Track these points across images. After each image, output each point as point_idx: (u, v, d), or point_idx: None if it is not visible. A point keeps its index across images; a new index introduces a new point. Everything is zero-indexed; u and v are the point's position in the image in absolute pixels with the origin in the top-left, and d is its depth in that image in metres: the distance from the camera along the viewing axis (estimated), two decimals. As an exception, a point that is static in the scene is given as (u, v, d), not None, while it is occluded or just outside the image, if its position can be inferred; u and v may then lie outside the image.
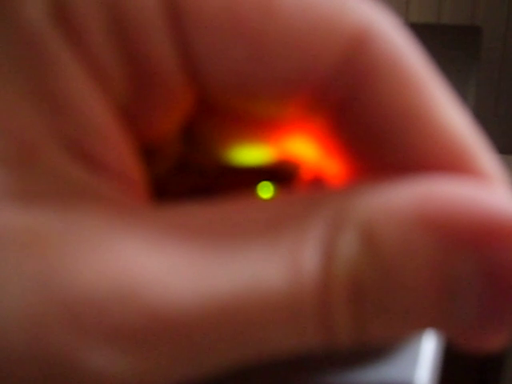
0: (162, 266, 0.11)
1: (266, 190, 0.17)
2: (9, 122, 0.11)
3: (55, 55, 0.11)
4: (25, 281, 0.10)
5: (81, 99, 0.11)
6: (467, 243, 0.11)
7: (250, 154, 0.15)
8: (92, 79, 0.12)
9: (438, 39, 0.53)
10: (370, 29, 0.12)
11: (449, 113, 0.12)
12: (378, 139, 0.12)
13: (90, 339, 0.10)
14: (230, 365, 0.12)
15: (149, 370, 0.11)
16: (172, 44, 0.12)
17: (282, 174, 0.17)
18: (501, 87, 0.91)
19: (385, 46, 0.12)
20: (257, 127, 0.14)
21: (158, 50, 0.12)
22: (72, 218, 0.11)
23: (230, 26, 0.12)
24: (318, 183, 0.16)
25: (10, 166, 0.11)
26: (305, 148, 0.15)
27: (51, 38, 0.11)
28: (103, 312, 0.10)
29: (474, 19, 0.84)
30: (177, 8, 0.11)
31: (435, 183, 0.12)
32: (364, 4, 0.12)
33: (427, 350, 0.19)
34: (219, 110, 0.13)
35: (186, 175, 0.17)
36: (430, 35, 0.54)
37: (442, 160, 0.12)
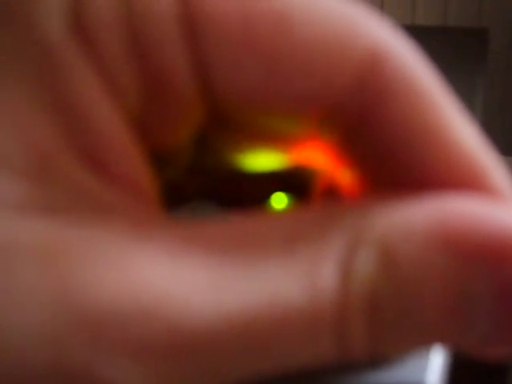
0: (182, 281, 0.11)
1: (279, 201, 0.17)
2: (26, 132, 0.11)
3: (71, 67, 0.11)
4: (43, 296, 0.10)
5: (96, 111, 0.11)
6: (482, 261, 0.11)
7: (263, 160, 0.15)
8: (107, 91, 0.12)
9: (444, 41, 0.53)
10: (382, 49, 0.12)
11: (461, 130, 0.12)
12: (391, 156, 0.12)
13: (111, 354, 0.10)
14: (247, 377, 0.12)
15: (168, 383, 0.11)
16: (187, 58, 0.12)
17: (295, 181, 0.17)
18: (508, 87, 0.91)
19: (397, 66, 0.12)
20: (269, 138, 0.14)
21: (173, 62, 0.12)
22: (89, 231, 0.11)
23: (245, 42, 0.12)
24: (332, 193, 0.16)
25: (28, 177, 0.11)
26: (319, 158, 0.15)
27: (68, 49, 0.11)
28: (124, 328, 0.10)
29: (480, 21, 0.84)
30: (193, 23, 0.12)
31: (450, 201, 0.12)
32: (376, 24, 0.12)
33: (438, 352, 0.19)
34: (232, 120, 0.13)
35: (198, 181, 0.17)
36: (437, 38, 0.54)
37: (455, 177, 0.12)
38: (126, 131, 0.12)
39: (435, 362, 0.18)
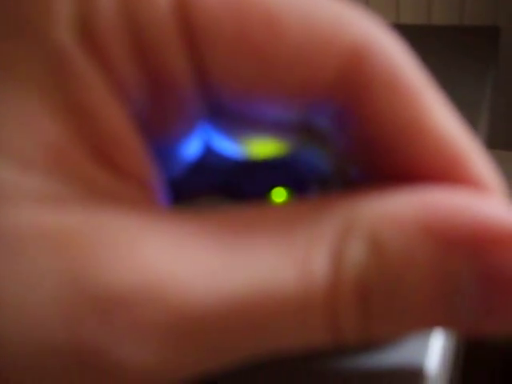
0: (184, 265, 0.12)
1: (279, 195, 0.18)
2: (41, 131, 0.12)
3: (81, 71, 0.12)
4: (58, 277, 0.11)
5: (104, 110, 0.12)
6: (464, 247, 0.12)
7: (263, 149, 0.16)
8: (114, 91, 0.12)
9: (457, 40, 0.53)
10: (366, 43, 0.13)
11: (444, 122, 0.13)
12: (377, 147, 0.13)
13: (118, 333, 0.11)
14: (244, 359, 0.12)
15: (171, 362, 0.12)
16: (187, 59, 0.13)
17: (294, 174, 0.18)
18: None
19: (381, 59, 0.13)
20: (266, 127, 0.15)
21: (174, 64, 0.13)
22: (100, 220, 0.12)
23: (240, 44, 0.12)
24: (328, 184, 0.16)
25: (43, 171, 0.12)
26: (316, 151, 0.16)
27: (77, 53, 0.12)
28: (130, 308, 0.11)
29: (493, 19, 0.84)
30: (192, 27, 0.12)
31: (434, 192, 0.12)
32: (361, 19, 0.13)
33: (438, 335, 0.19)
34: (230, 113, 0.14)
35: (201, 174, 0.18)
36: (451, 36, 0.54)
37: (438, 167, 0.13)
38: (131, 128, 0.13)
39: (435, 345, 0.19)
